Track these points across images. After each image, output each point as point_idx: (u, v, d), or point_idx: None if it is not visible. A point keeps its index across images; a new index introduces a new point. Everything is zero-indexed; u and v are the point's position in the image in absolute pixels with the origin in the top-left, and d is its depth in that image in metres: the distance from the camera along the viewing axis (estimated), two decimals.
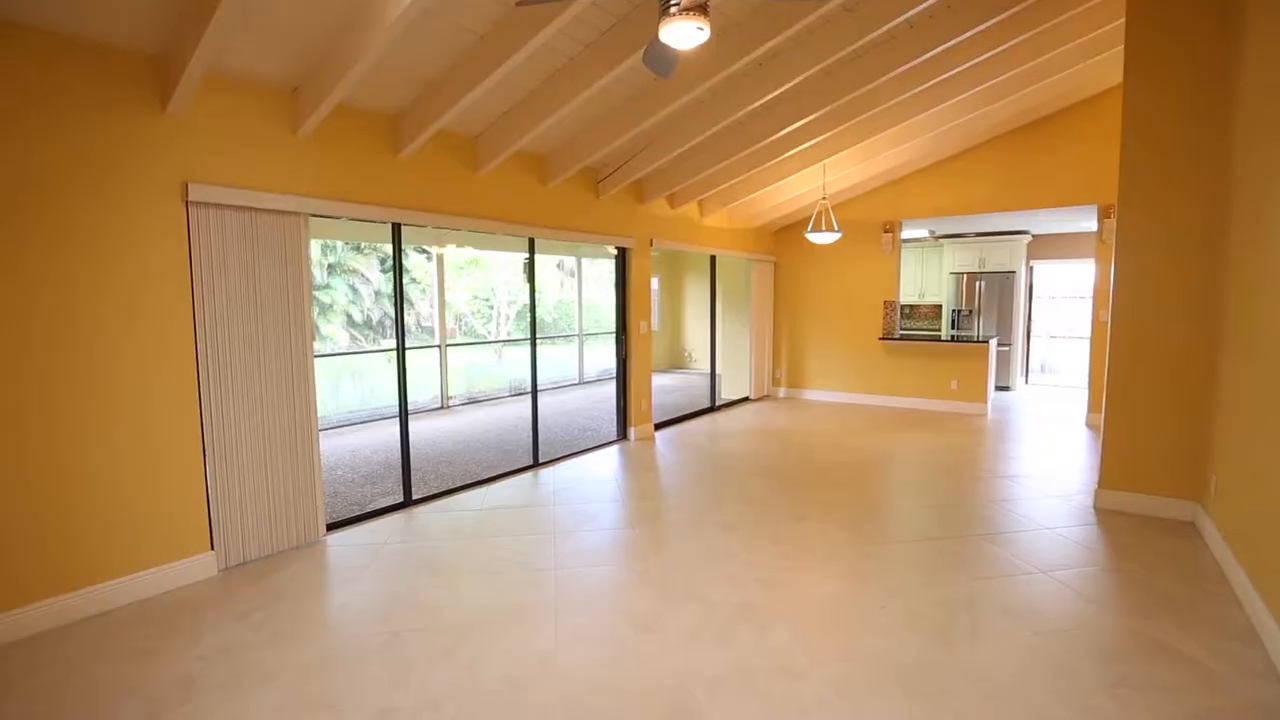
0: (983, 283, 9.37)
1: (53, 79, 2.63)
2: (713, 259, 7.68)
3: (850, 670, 2.42)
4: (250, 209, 3.27)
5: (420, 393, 8.56)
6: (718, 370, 8.21)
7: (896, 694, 2.27)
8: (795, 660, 2.49)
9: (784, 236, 8.62)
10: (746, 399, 8.47)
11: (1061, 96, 6.32)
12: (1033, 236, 9.52)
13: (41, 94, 2.61)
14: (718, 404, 8.02)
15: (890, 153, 6.55)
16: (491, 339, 12.21)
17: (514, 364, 11.35)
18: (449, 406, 8.58)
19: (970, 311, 9.47)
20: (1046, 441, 6.16)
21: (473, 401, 9.02)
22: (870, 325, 8.06)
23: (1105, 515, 4.07)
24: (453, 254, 10.90)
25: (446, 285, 8.99)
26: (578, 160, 4.87)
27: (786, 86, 4.32)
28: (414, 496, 4.44)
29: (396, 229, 4.13)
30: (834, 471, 5.13)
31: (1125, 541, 3.64)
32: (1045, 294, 10.49)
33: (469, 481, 4.91)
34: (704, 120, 4.78)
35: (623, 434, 6.32)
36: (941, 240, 9.68)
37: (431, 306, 9.82)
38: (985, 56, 4.48)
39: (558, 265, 12.84)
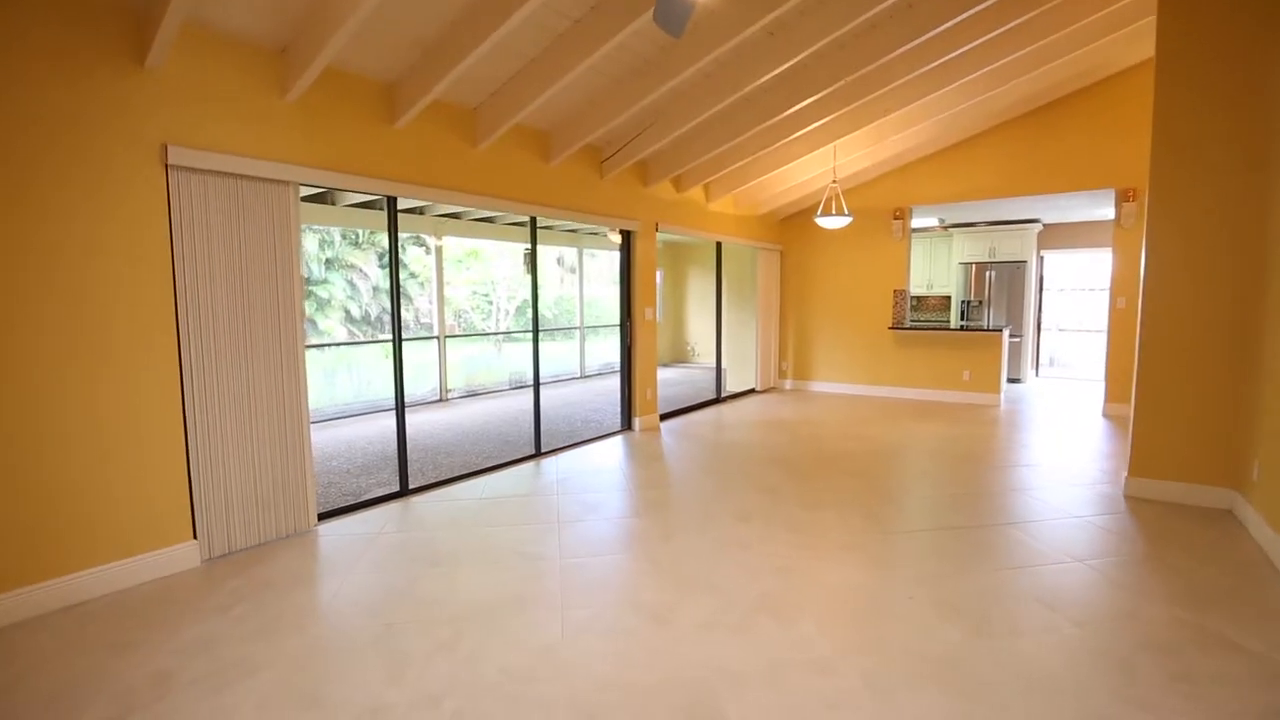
0: (993, 273, 9.18)
1: (22, 29, 2.44)
2: (718, 246, 7.49)
3: (881, 663, 2.23)
4: (235, 175, 3.08)
5: (419, 385, 8.37)
6: (722, 362, 8.02)
7: (934, 689, 2.08)
8: (821, 652, 2.30)
9: (791, 224, 8.43)
10: (752, 390, 8.28)
11: (1077, 77, 6.13)
12: (1044, 225, 9.33)
13: (12, 45, 2.42)
14: (723, 395, 7.83)
15: (901, 135, 6.36)
16: (491, 332, 12.03)
17: (514, 358, 11.17)
18: (448, 399, 8.39)
19: (980, 302, 9.28)
20: (1064, 432, 5.97)
21: (472, 395, 8.83)
22: (879, 315, 7.88)
23: (1136, 503, 3.88)
24: (452, 246, 10.72)
25: (445, 279, 8.79)
26: (581, 136, 4.68)
27: (796, 59, 4.13)
28: (411, 486, 4.25)
29: (392, 203, 3.94)
30: (846, 461, 4.94)
31: (1160, 530, 3.46)
32: (1055, 286, 10.30)
33: (468, 471, 4.72)
34: (711, 95, 4.59)
35: (627, 424, 6.13)
36: (951, 230, 9.49)
37: (430, 302, 9.64)
38: (1000, 31, 4.29)
39: (558, 260, 12.65)
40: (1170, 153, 3.79)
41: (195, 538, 3.05)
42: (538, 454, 5.21)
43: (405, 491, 4.19)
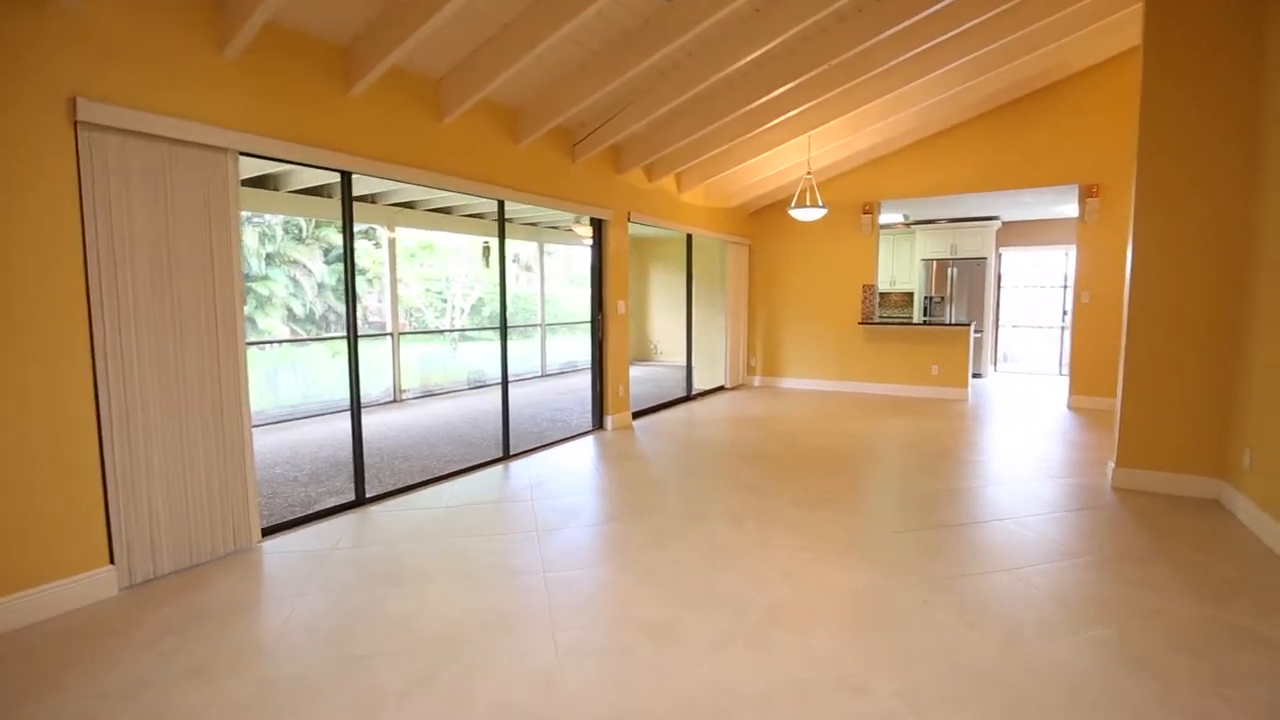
0: (954, 269, 9.30)
1: None
2: (689, 239, 7.28)
3: (916, 679, 2.02)
4: (163, 139, 2.65)
5: (371, 386, 7.85)
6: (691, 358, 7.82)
7: (978, 707, 1.89)
8: (849, 669, 2.08)
9: (760, 218, 8.30)
10: (722, 388, 8.11)
11: (1044, 74, 6.19)
12: (1002, 223, 9.51)
13: None
14: (693, 393, 7.62)
15: (874, 127, 6.28)
16: (451, 329, 11.51)
17: (471, 357, 10.70)
18: (402, 400, 7.90)
19: (942, 299, 9.38)
20: (1035, 424, 6.00)
21: (428, 395, 8.36)
22: (848, 310, 7.82)
23: (1124, 495, 3.85)
24: (404, 239, 10.17)
25: (398, 276, 8.28)
26: (553, 115, 4.37)
27: (780, 39, 3.93)
28: (368, 495, 3.85)
29: (347, 180, 3.54)
30: (824, 456, 4.79)
31: (1155, 522, 3.41)
32: (1011, 283, 10.53)
33: (432, 476, 4.34)
34: (691, 75, 4.35)
35: (599, 423, 5.84)
36: (914, 227, 9.57)
37: (380, 300, 9.09)
38: (982, 18, 4.21)
39: (514, 258, 12.23)
40: (1157, 141, 3.76)
41: (112, 562, 2.60)
42: (506, 456, 4.86)
43: (362, 501, 3.79)
